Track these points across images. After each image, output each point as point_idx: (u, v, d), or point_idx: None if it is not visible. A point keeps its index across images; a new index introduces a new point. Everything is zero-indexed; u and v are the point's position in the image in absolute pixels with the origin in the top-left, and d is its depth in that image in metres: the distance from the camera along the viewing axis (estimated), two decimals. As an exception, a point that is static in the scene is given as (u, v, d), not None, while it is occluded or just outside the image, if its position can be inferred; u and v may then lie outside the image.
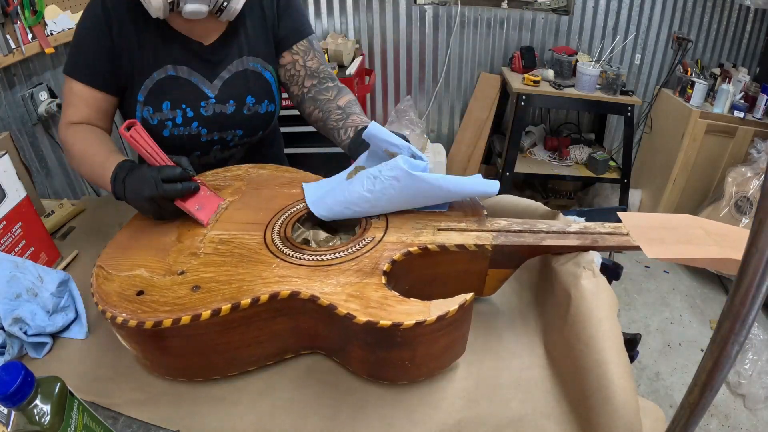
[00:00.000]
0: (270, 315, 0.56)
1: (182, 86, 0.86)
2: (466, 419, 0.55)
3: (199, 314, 0.52)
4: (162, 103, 0.86)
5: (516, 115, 2.40)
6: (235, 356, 0.58)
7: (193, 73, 0.87)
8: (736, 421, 1.64)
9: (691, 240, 0.54)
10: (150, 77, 0.84)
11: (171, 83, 0.86)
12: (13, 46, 1.38)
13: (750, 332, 0.35)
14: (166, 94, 0.86)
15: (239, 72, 0.90)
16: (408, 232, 0.64)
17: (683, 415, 0.36)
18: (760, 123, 2.24)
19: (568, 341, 0.57)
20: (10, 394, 0.38)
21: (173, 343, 0.55)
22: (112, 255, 0.64)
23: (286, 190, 0.76)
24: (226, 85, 0.89)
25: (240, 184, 0.79)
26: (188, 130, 0.89)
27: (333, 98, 0.92)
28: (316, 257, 0.60)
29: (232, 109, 0.90)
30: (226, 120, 0.91)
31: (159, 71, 0.85)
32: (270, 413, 0.56)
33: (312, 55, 0.95)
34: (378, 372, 0.58)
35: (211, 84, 0.88)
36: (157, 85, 0.85)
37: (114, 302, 0.55)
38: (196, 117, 0.88)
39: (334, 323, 0.54)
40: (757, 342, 1.77)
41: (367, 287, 0.55)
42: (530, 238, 0.63)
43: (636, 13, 2.55)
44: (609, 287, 0.58)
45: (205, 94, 0.88)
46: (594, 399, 0.51)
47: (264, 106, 0.94)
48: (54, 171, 1.62)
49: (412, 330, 0.50)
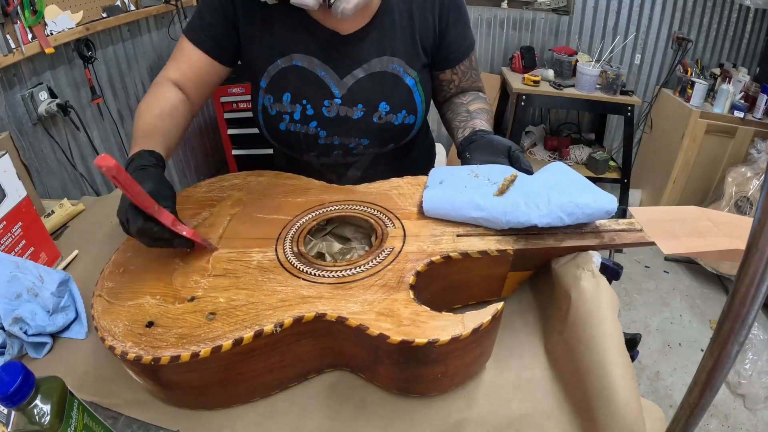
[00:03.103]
0: (294, 339, 0.53)
1: (306, 79, 0.77)
2: (466, 419, 0.54)
3: (220, 345, 0.48)
4: (283, 94, 0.78)
5: (516, 115, 2.41)
6: (258, 383, 0.55)
7: (321, 65, 0.77)
8: (736, 421, 1.64)
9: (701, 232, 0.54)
10: (274, 64, 0.77)
11: (294, 74, 0.77)
12: (13, 46, 1.38)
13: (750, 332, 0.35)
14: (288, 86, 0.78)
15: (376, 73, 0.78)
16: (427, 240, 0.61)
17: (683, 415, 0.36)
18: (760, 123, 2.24)
19: (568, 342, 0.57)
20: (10, 394, 0.38)
21: (192, 377, 0.51)
22: (112, 281, 0.59)
23: (290, 198, 0.72)
24: (358, 85, 0.78)
25: (239, 194, 0.74)
26: (305, 129, 0.80)
27: (466, 102, 0.87)
28: (336, 273, 0.57)
29: (360, 115, 0.79)
30: (351, 126, 0.80)
31: (284, 59, 0.77)
32: (270, 413, 0.56)
33: (469, 75, 0.89)
34: (409, 387, 0.55)
35: (341, 81, 0.78)
36: (280, 73, 0.78)
37: (122, 336, 0.51)
38: (316, 116, 0.79)
39: (362, 343, 0.52)
40: (757, 342, 1.77)
41: (396, 303, 0.52)
42: (550, 239, 0.62)
43: (636, 13, 2.55)
44: (609, 287, 0.58)
45: (331, 91, 0.78)
46: (595, 400, 0.51)
47: (400, 116, 0.81)
48: (54, 171, 1.62)
49: (448, 345, 0.48)
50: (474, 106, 0.86)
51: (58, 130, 1.62)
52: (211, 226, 0.67)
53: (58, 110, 1.53)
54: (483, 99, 0.90)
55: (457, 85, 0.89)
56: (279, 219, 0.68)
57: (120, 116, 1.96)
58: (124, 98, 1.99)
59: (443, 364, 0.51)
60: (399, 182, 0.74)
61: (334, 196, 0.72)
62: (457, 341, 0.48)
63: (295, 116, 0.79)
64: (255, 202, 0.72)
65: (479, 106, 0.87)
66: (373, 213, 0.68)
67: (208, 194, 0.75)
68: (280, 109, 0.79)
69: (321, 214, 0.69)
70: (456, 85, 0.89)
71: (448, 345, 0.48)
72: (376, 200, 0.71)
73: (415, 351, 0.48)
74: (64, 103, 1.55)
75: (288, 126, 0.80)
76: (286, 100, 0.78)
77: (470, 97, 0.89)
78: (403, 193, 0.72)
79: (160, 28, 2.20)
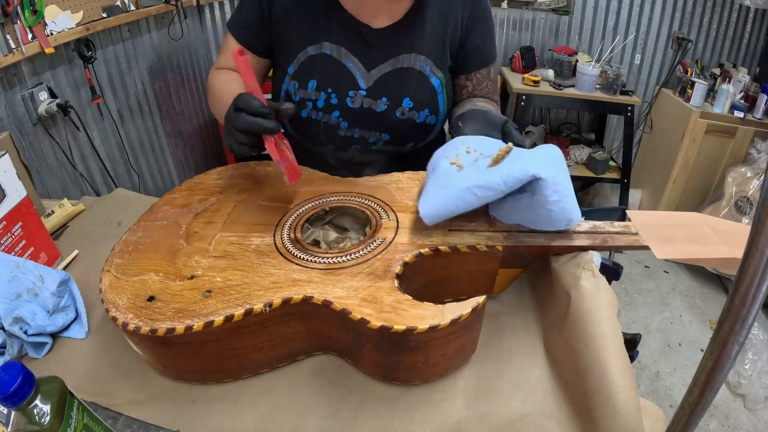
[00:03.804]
0: (283, 319, 0.55)
1: (334, 68, 0.79)
2: (466, 419, 0.55)
3: (212, 321, 0.51)
4: (309, 80, 0.79)
5: (516, 115, 2.41)
6: (248, 360, 0.58)
7: (350, 56, 0.78)
8: (736, 421, 1.64)
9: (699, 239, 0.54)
10: (304, 51, 0.79)
11: (323, 62, 0.79)
12: (13, 46, 1.38)
13: (750, 332, 0.35)
14: (315, 73, 0.79)
15: (403, 68, 0.79)
16: (418, 232, 0.63)
17: (683, 415, 0.36)
18: (760, 123, 2.24)
19: (568, 341, 0.57)
20: (10, 394, 0.38)
21: (186, 349, 0.54)
22: (120, 258, 0.63)
23: (293, 188, 0.75)
24: (384, 78, 0.79)
25: (247, 182, 0.77)
26: (327, 118, 0.81)
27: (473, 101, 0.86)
28: (327, 260, 0.60)
29: (383, 108, 0.80)
30: (373, 119, 0.81)
31: (314, 47, 0.78)
32: (270, 413, 0.56)
33: (484, 85, 0.87)
34: (391, 374, 0.58)
35: (368, 74, 0.79)
36: (309, 60, 0.79)
37: (125, 308, 0.54)
38: (340, 106, 0.80)
39: (347, 327, 0.54)
40: (757, 342, 1.77)
41: (380, 291, 0.54)
42: (541, 238, 0.63)
43: (636, 13, 2.55)
44: (609, 287, 0.58)
45: (357, 83, 0.79)
46: (595, 399, 0.51)
47: (422, 115, 0.82)
48: (54, 171, 1.62)
49: (426, 334, 0.50)
50: (480, 103, 0.86)
51: (58, 130, 1.62)
52: (217, 211, 0.71)
53: (58, 110, 1.53)
54: (492, 103, 0.87)
55: (470, 91, 0.88)
56: (280, 207, 0.71)
57: (120, 116, 1.96)
58: (124, 98, 1.99)
59: (423, 353, 0.53)
60: (399, 176, 0.77)
61: (335, 188, 0.75)
62: (436, 330, 0.50)
63: (319, 104, 0.80)
64: (260, 190, 0.76)
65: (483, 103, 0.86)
66: (369, 204, 0.70)
67: (217, 182, 0.78)
68: (304, 95, 0.80)
69: (320, 203, 0.72)
70: (469, 92, 0.88)
71: (427, 333, 0.50)
72: (374, 193, 0.73)
73: (393, 337, 0.50)
74: (64, 103, 1.55)
75: (310, 113, 0.81)
76: (312, 87, 0.79)
77: (480, 101, 0.87)
78: (401, 187, 0.74)
79: (160, 28, 2.20)
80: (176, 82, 2.37)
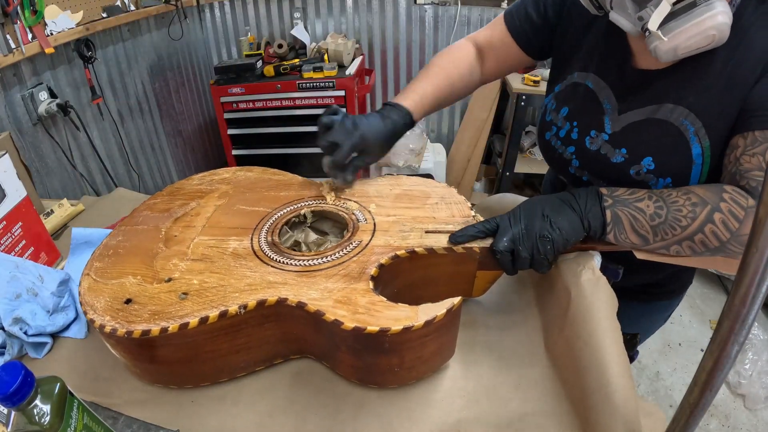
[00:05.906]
0: (258, 321, 0.56)
1: (589, 103, 0.71)
2: (466, 419, 0.55)
3: (187, 323, 0.52)
4: (563, 106, 0.75)
5: (516, 115, 2.40)
6: (224, 363, 0.58)
7: (609, 95, 0.69)
8: (736, 421, 1.64)
9: None
10: (572, 74, 0.75)
11: (583, 94, 0.72)
12: (13, 46, 1.38)
13: (750, 332, 0.35)
14: (570, 101, 0.74)
15: (658, 120, 0.64)
16: (395, 235, 0.63)
17: (683, 415, 0.36)
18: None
19: (568, 340, 0.57)
20: (10, 394, 0.38)
21: (162, 352, 0.54)
22: (100, 262, 0.63)
23: (273, 193, 0.76)
24: (633, 127, 0.66)
25: (227, 187, 0.78)
26: (563, 150, 0.76)
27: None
28: (303, 262, 0.60)
29: (619, 160, 0.68)
30: (604, 167, 0.70)
31: (582, 74, 0.73)
32: (270, 413, 0.56)
33: (759, 149, 0.57)
34: (367, 377, 0.58)
35: (618, 117, 0.68)
36: (571, 87, 0.75)
37: (102, 311, 0.55)
38: (577, 143, 0.73)
39: (322, 329, 0.54)
40: (757, 342, 1.77)
41: (354, 293, 0.54)
42: None
43: (636, 13, 2.54)
44: (608, 287, 0.58)
45: (603, 125, 0.70)
46: (594, 398, 0.51)
47: (661, 183, 0.65)
48: (54, 171, 1.61)
49: (400, 336, 0.50)
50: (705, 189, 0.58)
51: (58, 130, 1.62)
52: (197, 215, 0.71)
53: (58, 110, 1.53)
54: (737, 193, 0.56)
55: (736, 157, 0.59)
56: (259, 211, 0.71)
57: (120, 116, 1.96)
58: (124, 98, 1.99)
59: (398, 355, 0.53)
60: (379, 181, 0.78)
61: (314, 192, 0.75)
62: (409, 332, 0.50)
63: (561, 133, 0.76)
64: (240, 194, 0.76)
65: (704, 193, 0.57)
66: (347, 208, 0.71)
67: (198, 186, 0.79)
68: (554, 119, 0.77)
69: (298, 207, 0.72)
70: (732, 159, 0.59)
71: (400, 335, 0.50)
72: (353, 197, 0.73)
73: (367, 339, 0.50)
74: (64, 103, 1.55)
75: (551, 138, 0.78)
76: (562, 114, 0.75)
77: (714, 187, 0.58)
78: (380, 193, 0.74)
79: (160, 28, 2.20)
80: (176, 82, 2.37)
